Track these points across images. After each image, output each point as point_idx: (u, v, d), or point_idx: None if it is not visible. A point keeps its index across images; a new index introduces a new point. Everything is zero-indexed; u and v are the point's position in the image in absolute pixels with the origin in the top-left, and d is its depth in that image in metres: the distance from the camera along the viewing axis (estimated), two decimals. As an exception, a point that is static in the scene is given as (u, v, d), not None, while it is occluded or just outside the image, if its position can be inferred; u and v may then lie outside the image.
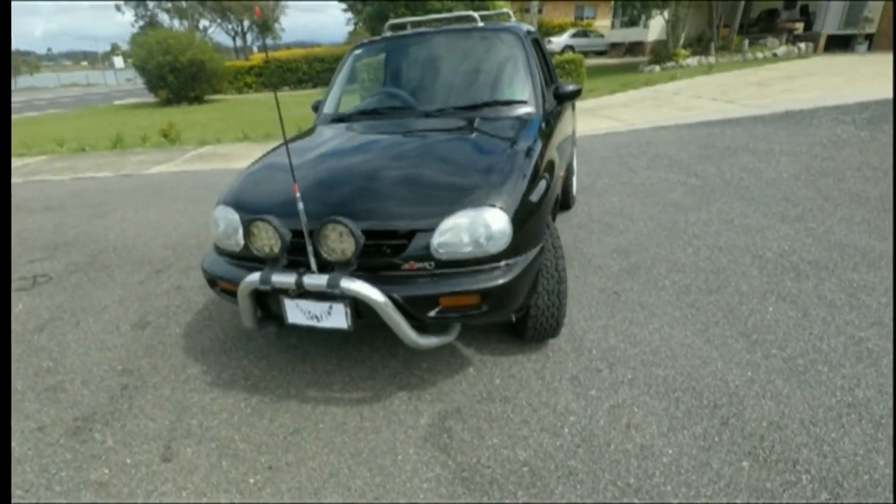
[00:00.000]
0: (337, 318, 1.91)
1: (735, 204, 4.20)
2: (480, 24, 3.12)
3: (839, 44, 16.05)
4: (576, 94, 2.97)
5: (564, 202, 4.07)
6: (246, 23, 40.63)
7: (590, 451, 1.85)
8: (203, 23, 39.27)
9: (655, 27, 20.97)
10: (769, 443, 1.83)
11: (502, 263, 1.92)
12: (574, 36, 27.12)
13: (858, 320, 2.51)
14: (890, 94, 7.34)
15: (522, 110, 2.71)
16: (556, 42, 26.55)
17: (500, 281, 1.87)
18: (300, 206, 1.79)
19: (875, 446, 1.78)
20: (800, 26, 17.61)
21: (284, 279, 1.85)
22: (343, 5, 33.41)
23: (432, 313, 1.88)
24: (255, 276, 1.90)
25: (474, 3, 19.75)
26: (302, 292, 1.88)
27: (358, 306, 1.90)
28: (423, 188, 2.02)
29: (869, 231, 3.46)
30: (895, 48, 6.53)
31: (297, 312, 1.97)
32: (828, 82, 8.99)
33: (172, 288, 3.50)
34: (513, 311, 2.02)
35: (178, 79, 20.38)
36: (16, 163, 8.94)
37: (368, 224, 1.87)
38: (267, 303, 2.12)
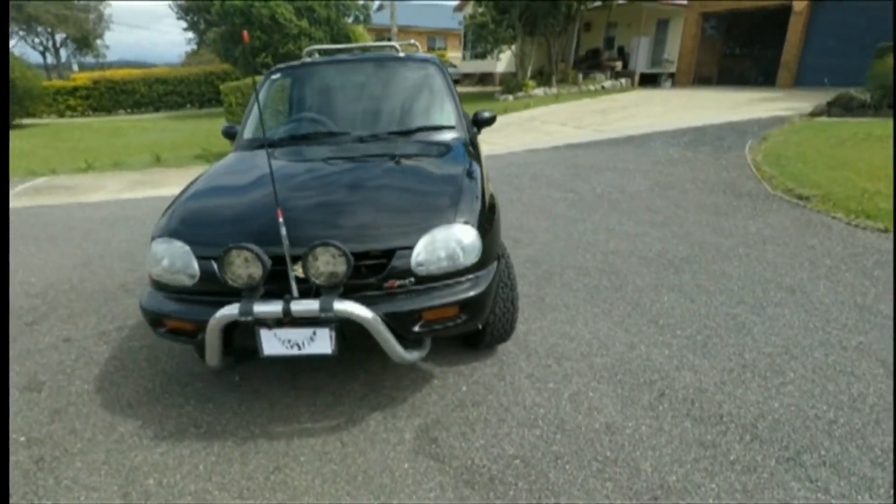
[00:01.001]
0: (321, 343, 1.89)
1: (611, 214, 4.87)
2: (401, 53, 3.29)
3: (649, 80, 19.21)
4: (492, 121, 3.27)
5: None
6: (59, 36, 34.94)
7: (566, 435, 2.07)
8: (-3, 35, 32.80)
9: (504, 59, 23.05)
10: (699, 404, 2.22)
11: (474, 275, 2.08)
12: (430, 66, 28.41)
13: (729, 300, 3.12)
14: (697, 123, 9.06)
15: (450, 135, 2.91)
16: (414, 71, 27.57)
17: (476, 291, 2.02)
18: (283, 231, 1.76)
19: (769, 394, 2.26)
20: (619, 64, 20.70)
21: (269, 308, 1.78)
22: (182, 24, 31.00)
23: (416, 328, 1.96)
24: (231, 309, 1.80)
25: (332, 31, 19.84)
26: (285, 320, 1.82)
27: (342, 329, 1.90)
28: (393, 209, 2.10)
29: (715, 231, 4.28)
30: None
31: (274, 343, 1.90)
32: (652, 111, 10.79)
33: (59, 341, 3.02)
34: (483, 319, 2.17)
35: (-25, 100, 17.16)
36: None
37: (349, 246, 1.89)
38: (230, 337, 2.00)
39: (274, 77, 3.21)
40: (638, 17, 19.79)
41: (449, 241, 2.00)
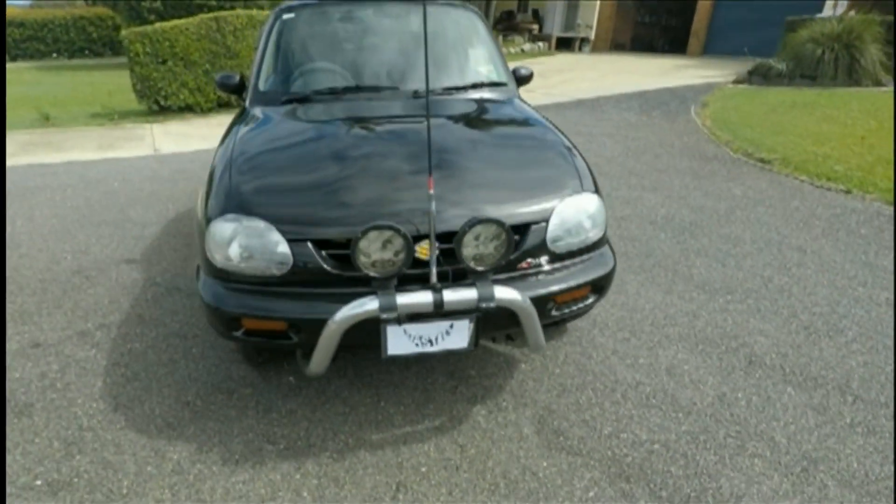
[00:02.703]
0: (457, 337, 1.61)
1: (600, 179, 4.80)
2: (435, -3, 2.87)
3: (564, 44, 19.59)
4: (530, 79, 3.01)
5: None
6: None
7: (687, 414, 1.99)
8: None
9: (421, 18, 22.20)
10: (790, 369, 2.25)
11: (600, 250, 1.89)
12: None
13: (755, 263, 3.22)
14: (637, 88, 9.37)
15: (506, 93, 2.63)
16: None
17: (608, 268, 1.85)
18: (433, 205, 1.42)
19: (843, 353, 2.34)
20: (536, 27, 20.84)
21: (417, 300, 1.46)
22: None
23: (555, 312, 1.75)
24: (366, 304, 1.45)
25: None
26: (434, 313, 1.51)
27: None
28: (514, 178, 1.83)
29: (706, 194, 4.43)
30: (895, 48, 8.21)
31: (402, 341, 1.58)
32: (588, 76, 11.00)
33: (26, 347, 2.39)
34: None
35: None
36: None
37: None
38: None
39: (286, 17, 2.65)
40: (553, -21, 19.94)
41: (580, 213, 1.79)
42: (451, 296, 1.47)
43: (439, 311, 1.48)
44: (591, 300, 1.85)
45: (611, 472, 1.73)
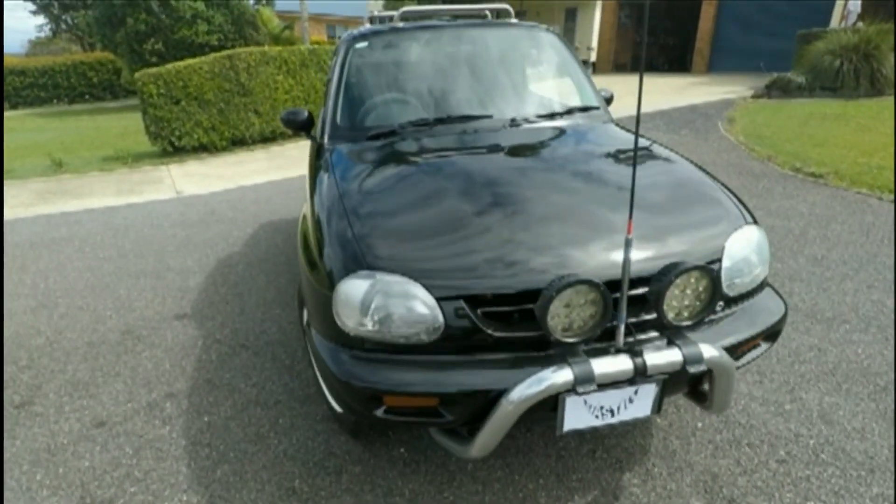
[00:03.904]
0: (641, 404, 1.36)
1: (653, 201, 4.65)
2: (514, 19, 2.70)
3: (564, 67, 19.72)
4: (611, 101, 2.84)
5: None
6: None
7: (870, 471, 1.73)
8: None
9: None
10: (958, 409, 1.99)
11: (766, 291, 1.65)
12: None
13: (858, 286, 2.98)
14: (657, 107, 9.30)
15: (600, 117, 2.43)
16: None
17: (783, 311, 1.61)
18: (629, 253, 1.19)
19: None
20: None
21: (616, 367, 1.21)
22: (30, 6, 26.36)
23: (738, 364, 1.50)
24: (558, 375, 1.20)
25: (233, 14, 17.86)
26: (636, 380, 1.26)
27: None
28: (676, 213, 1.60)
29: (770, 213, 4.22)
30: None
31: (581, 413, 1.33)
32: (601, 97, 10.95)
33: (87, 427, 2.11)
34: None
35: None
36: None
37: (659, 262, 1.37)
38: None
39: (358, 46, 2.45)
40: (548, 6, 20.21)
41: (747, 248, 1.57)
42: (655, 359, 1.23)
43: (642, 376, 1.24)
44: (762, 348, 1.61)
45: (818, 554, 1.46)
